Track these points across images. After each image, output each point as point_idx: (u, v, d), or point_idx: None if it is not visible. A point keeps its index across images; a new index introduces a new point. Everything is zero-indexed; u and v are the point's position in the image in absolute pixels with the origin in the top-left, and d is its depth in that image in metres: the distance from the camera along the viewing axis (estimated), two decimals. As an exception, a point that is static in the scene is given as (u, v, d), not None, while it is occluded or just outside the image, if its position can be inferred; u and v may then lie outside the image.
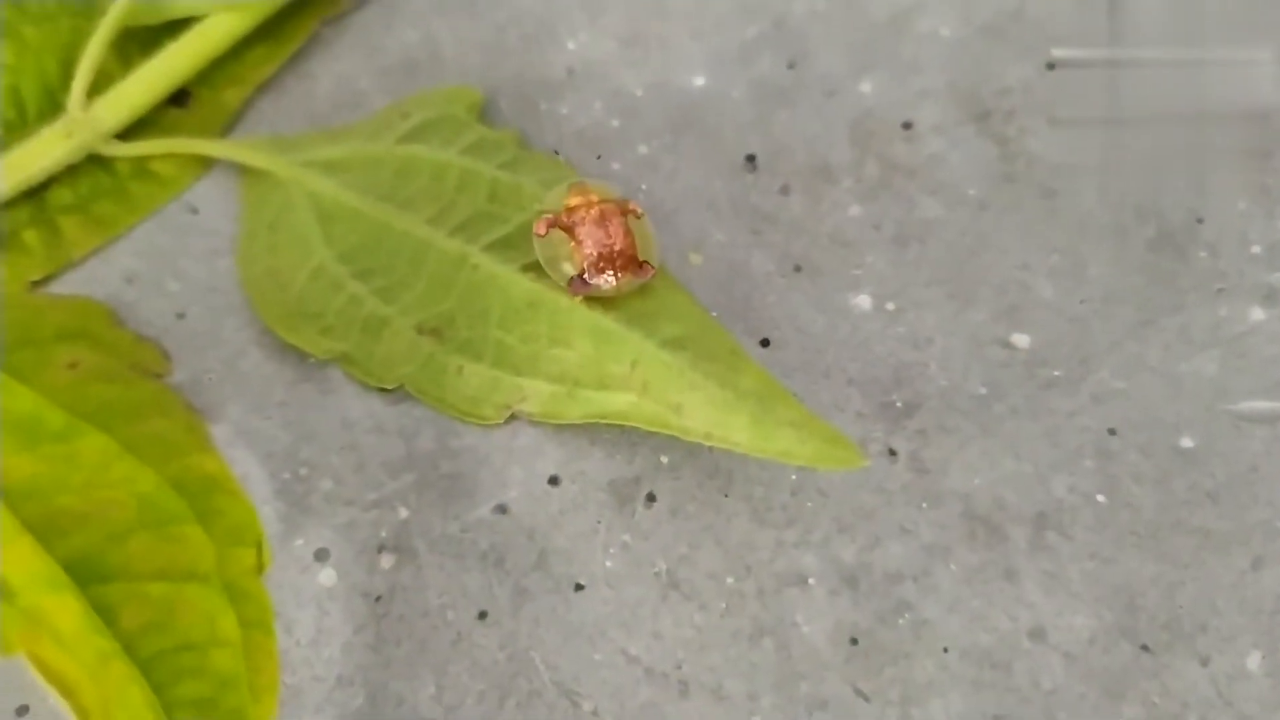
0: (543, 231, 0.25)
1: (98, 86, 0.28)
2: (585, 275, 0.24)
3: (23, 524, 0.22)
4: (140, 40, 0.29)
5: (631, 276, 0.25)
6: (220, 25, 0.29)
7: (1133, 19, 0.30)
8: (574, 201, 0.25)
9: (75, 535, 0.23)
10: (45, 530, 0.23)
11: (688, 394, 0.24)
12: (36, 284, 0.27)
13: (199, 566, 0.23)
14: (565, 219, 0.25)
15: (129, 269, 0.27)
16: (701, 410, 0.23)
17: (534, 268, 0.26)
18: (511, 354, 0.25)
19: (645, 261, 0.25)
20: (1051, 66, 0.30)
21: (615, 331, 0.24)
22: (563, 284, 0.25)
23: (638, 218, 0.25)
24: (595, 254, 0.24)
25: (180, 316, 0.27)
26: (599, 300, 0.25)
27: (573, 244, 0.25)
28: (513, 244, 0.26)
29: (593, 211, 0.25)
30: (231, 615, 0.23)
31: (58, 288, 0.27)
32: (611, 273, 0.24)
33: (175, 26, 0.29)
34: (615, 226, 0.25)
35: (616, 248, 0.24)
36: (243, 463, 0.25)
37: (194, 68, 0.29)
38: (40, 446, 0.24)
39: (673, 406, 0.24)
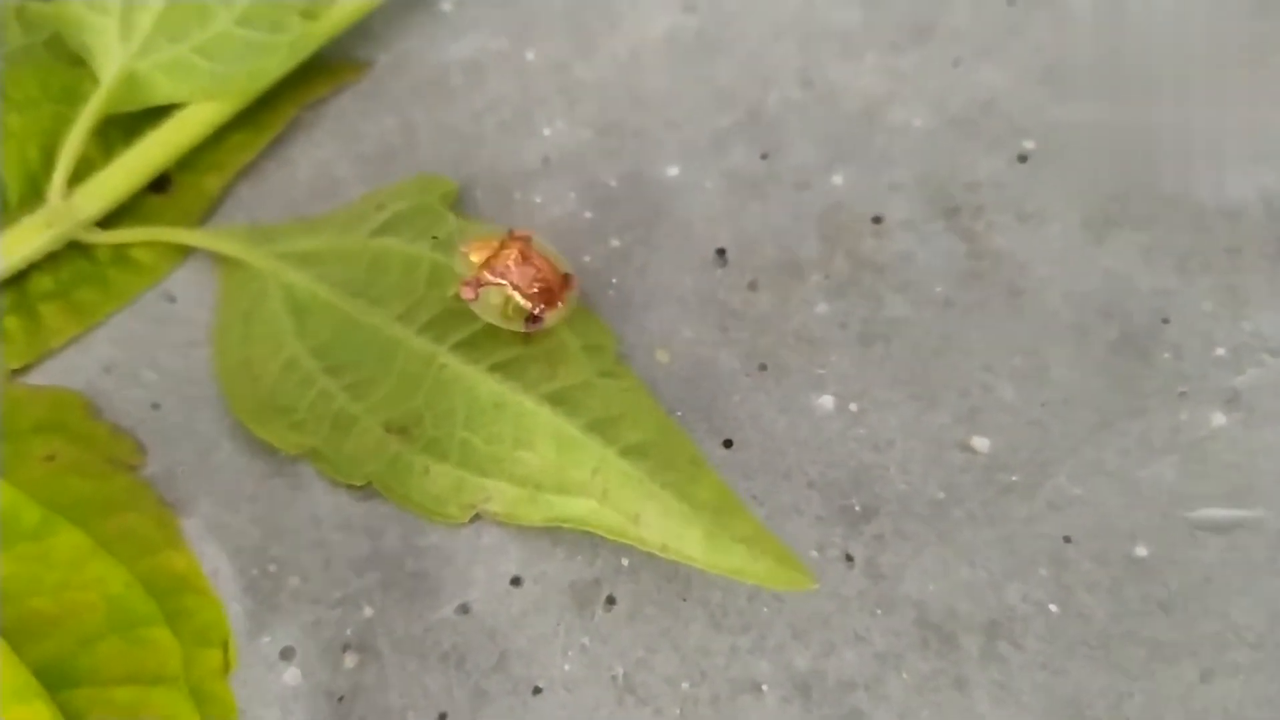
0: (473, 295, 0.26)
1: (79, 174, 0.28)
2: (538, 313, 0.26)
3: (-3, 629, 0.23)
4: (122, 126, 0.30)
5: (570, 293, 0.26)
6: (201, 113, 0.29)
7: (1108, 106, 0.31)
8: (483, 255, 0.26)
9: (47, 640, 0.23)
10: (18, 634, 0.23)
11: (646, 504, 0.24)
12: (16, 373, 0.27)
13: (166, 669, 0.23)
14: (489, 274, 0.26)
15: (107, 358, 0.28)
16: (658, 521, 0.24)
17: (501, 367, 0.26)
18: (476, 454, 0.26)
19: (566, 275, 0.26)
20: (1023, 159, 0.30)
21: (577, 438, 0.25)
22: (518, 329, 0.26)
23: (531, 241, 0.26)
24: (537, 290, 0.26)
25: (155, 407, 0.27)
26: (564, 402, 0.25)
27: (509, 290, 0.26)
28: (479, 344, 0.27)
29: (510, 253, 0.26)
30: (196, 718, 0.23)
31: (36, 376, 0.27)
32: (560, 303, 0.26)
33: (156, 113, 0.29)
34: (535, 258, 0.26)
35: (547, 276, 0.26)
36: (212, 558, 0.26)
37: (174, 155, 0.29)
38: (16, 545, 0.24)
39: (631, 516, 0.24)
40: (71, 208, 0.28)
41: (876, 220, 0.29)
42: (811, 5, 0.33)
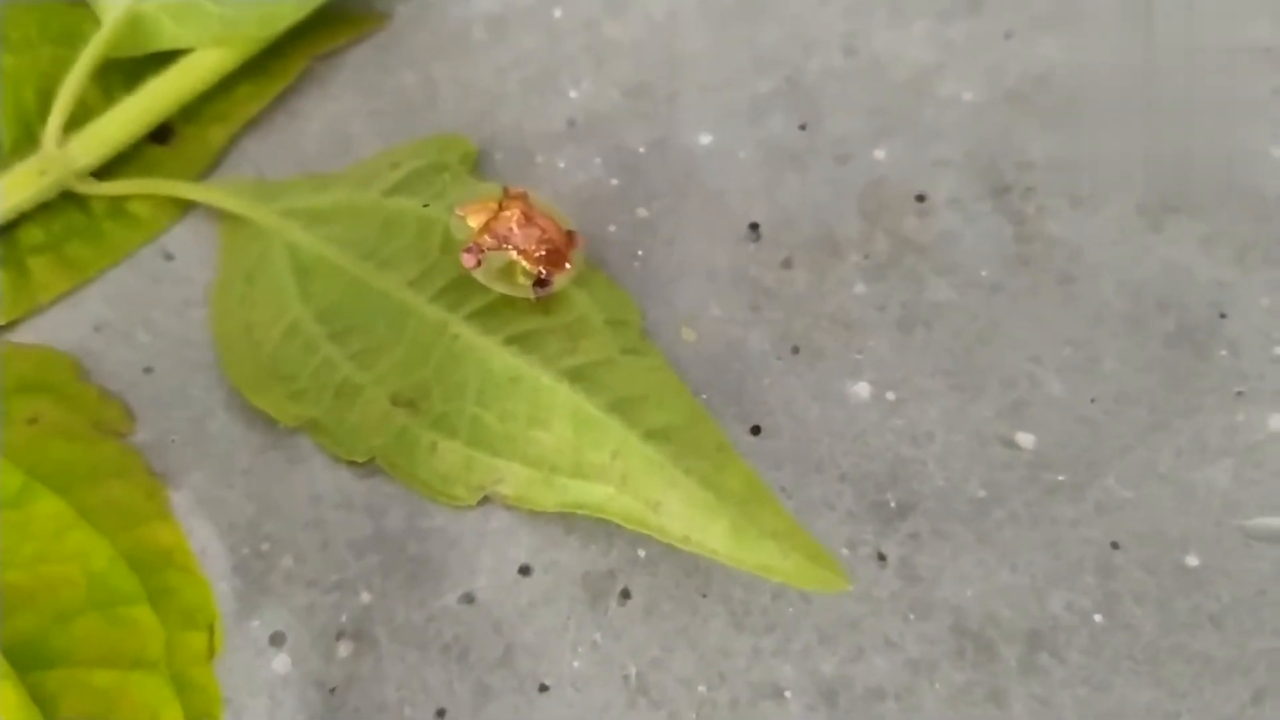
0: (475, 263, 0.24)
1: (76, 120, 0.27)
2: (545, 276, 0.24)
3: (-33, 602, 0.22)
4: (123, 71, 0.28)
5: (576, 252, 0.25)
6: (207, 60, 0.27)
7: (1168, 89, 0.29)
8: (481, 218, 0.24)
9: (21, 615, 0.22)
10: (-12, 609, 0.22)
11: (667, 491, 0.22)
12: (2, 328, 0.26)
13: (147, 653, 0.22)
14: (490, 238, 0.24)
15: (98, 316, 0.26)
16: (681, 510, 0.22)
17: (518, 340, 0.24)
18: (488, 432, 0.24)
19: (570, 232, 0.25)
20: (1077, 139, 0.28)
21: (597, 418, 0.23)
22: (526, 295, 0.24)
23: (529, 198, 0.25)
24: (544, 251, 0.24)
25: (148, 371, 0.26)
26: (584, 379, 0.24)
27: (515, 254, 0.24)
28: (496, 313, 0.25)
29: (511, 215, 0.24)
30: (177, 707, 0.22)
31: (23, 333, 0.26)
32: (566, 264, 0.24)
33: (160, 59, 0.28)
34: (538, 218, 0.24)
35: (552, 236, 0.24)
36: (201, 534, 0.24)
37: (178, 103, 0.27)
38: (-9, 513, 0.23)
39: (651, 504, 0.22)
40: (66, 155, 0.26)
41: (920, 198, 0.27)
42: (858, -32, 0.31)
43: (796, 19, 0.30)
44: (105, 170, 0.27)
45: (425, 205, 0.26)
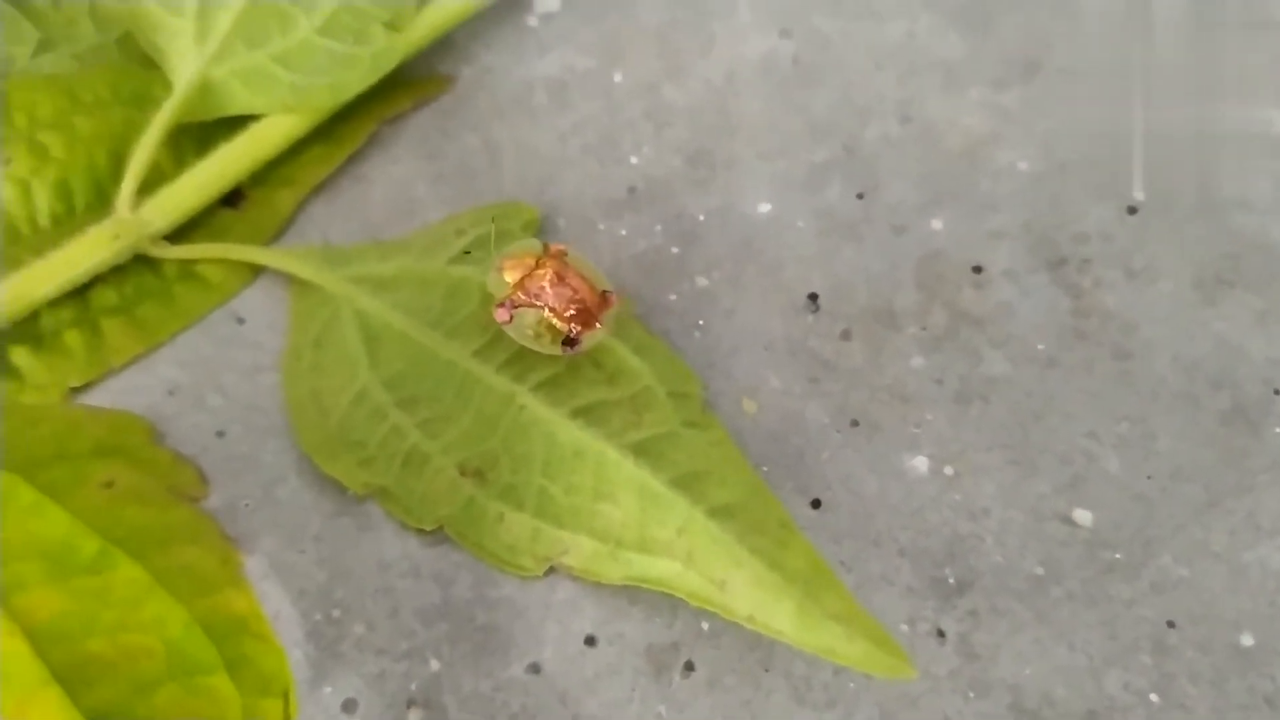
0: (507, 318, 0.25)
1: (148, 184, 0.27)
2: (575, 336, 0.24)
3: (51, 671, 0.22)
4: (193, 134, 0.28)
5: (609, 312, 0.25)
6: (278, 125, 0.28)
7: (1222, 159, 0.29)
8: (517, 274, 0.25)
9: (103, 685, 0.22)
10: (73, 679, 0.22)
11: (733, 570, 0.23)
12: (75, 390, 0.26)
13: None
14: (524, 296, 0.25)
15: (171, 379, 0.27)
16: (746, 590, 0.23)
17: (583, 412, 0.25)
18: (554, 504, 0.24)
19: (605, 292, 0.25)
20: (1133, 211, 0.29)
21: (663, 494, 0.24)
22: (555, 353, 0.25)
23: (567, 256, 0.25)
24: (574, 311, 0.24)
25: (220, 435, 0.26)
26: (648, 454, 0.24)
27: (547, 312, 0.24)
28: (562, 384, 0.25)
29: (546, 273, 0.25)
30: (255, 775, 0.22)
31: (96, 396, 0.26)
32: (597, 324, 0.25)
33: (228, 122, 0.28)
34: (571, 278, 0.25)
35: (584, 297, 0.25)
36: (274, 599, 0.24)
37: (249, 169, 0.28)
38: (72, 579, 0.23)
39: (717, 582, 0.23)
40: (140, 220, 0.27)
41: (977, 269, 0.28)
42: (913, 34, 0.31)
43: (851, 85, 0.31)
44: (176, 233, 0.27)
45: (466, 251, 0.26)
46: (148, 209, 0.27)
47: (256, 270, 0.28)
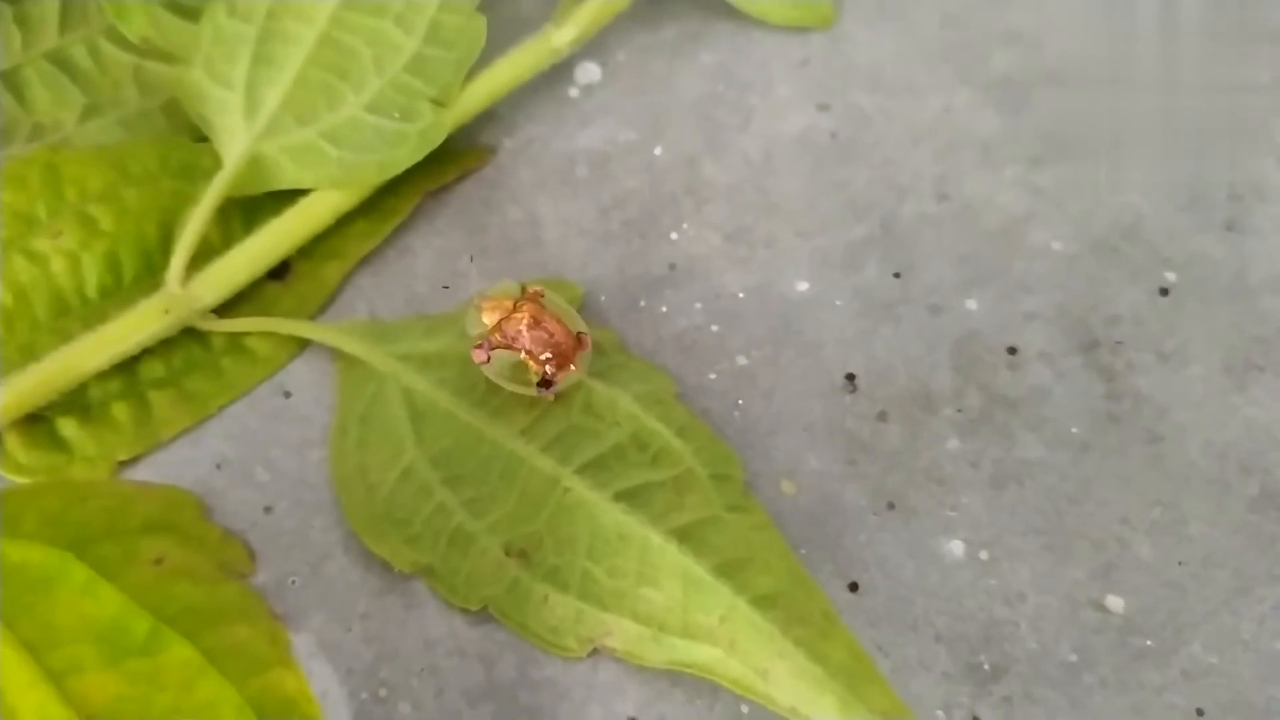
0: (485, 359, 0.26)
1: (196, 256, 0.28)
2: (550, 378, 0.25)
3: (108, 762, 0.22)
4: (239, 206, 0.29)
5: (584, 354, 0.26)
6: (326, 200, 0.28)
7: (1254, 239, 0.30)
8: (495, 317, 0.26)
9: (158, 770, 0.23)
10: (129, 765, 0.22)
11: (776, 661, 0.23)
12: (123, 464, 0.27)
13: (276, 805, 0.23)
14: (500, 338, 0.26)
15: (218, 453, 0.27)
16: (788, 681, 0.23)
17: (627, 496, 0.25)
18: (598, 587, 0.25)
19: (580, 334, 0.26)
20: (1165, 292, 0.29)
21: (705, 580, 0.24)
22: (529, 393, 0.26)
23: (544, 298, 0.26)
24: (550, 354, 0.25)
25: (268, 510, 0.26)
26: (691, 539, 0.25)
27: (522, 354, 0.25)
28: (606, 465, 0.26)
29: (522, 317, 0.26)
30: None
31: (144, 470, 0.27)
32: (571, 365, 0.26)
33: (274, 194, 0.29)
34: (548, 321, 0.26)
35: (559, 340, 0.26)
36: (322, 678, 0.25)
37: (297, 243, 0.28)
38: (125, 661, 0.24)
39: (760, 671, 0.23)
40: (190, 295, 0.27)
41: (1011, 351, 0.28)
42: (950, 110, 0.32)
43: (889, 162, 0.31)
44: (224, 305, 0.28)
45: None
46: (197, 284, 0.27)
47: (303, 343, 0.28)
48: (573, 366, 0.26)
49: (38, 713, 0.22)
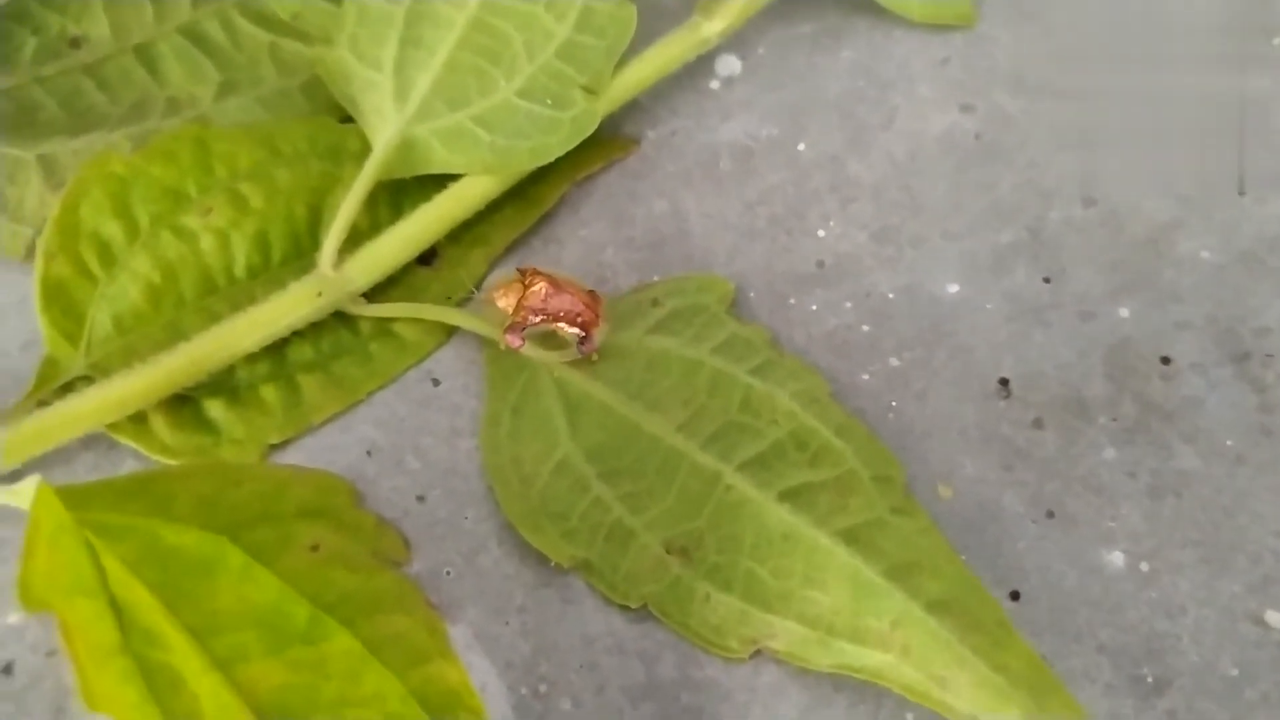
0: (520, 342, 0.26)
1: (347, 240, 0.27)
2: (587, 339, 0.26)
3: (283, 755, 0.22)
4: (388, 189, 0.28)
5: (603, 306, 0.26)
6: (475, 186, 0.28)
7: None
8: (512, 298, 0.26)
9: (330, 762, 0.22)
10: (301, 755, 0.22)
11: (954, 669, 0.23)
12: (274, 448, 0.26)
13: (446, 799, 0.22)
14: (530, 315, 0.26)
15: (369, 440, 0.27)
16: (969, 690, 0.23)
17: (791, 495, 0.25)
18: (762, 587, 0.24)
19: (590, 291, 0.26)
20: (1311, 306, 0.29)
21: (876, 585, 0.24)
22: (573, 355, 0.26)
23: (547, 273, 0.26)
24: (578, 315, 0.26)
25: (420, 499, 0.26)
26: (858, 541, 0.24)
27: (555, 324, 0.26)
28: (768, 464, 0.25)
29: (540, 289, 0.26)
30: None
31: (293, 454, 0.26)
32: (599, 319, 0.26)
33: (423, 178, 0.28)
34: (563, 283, 0.26)
35: (583, 299, 0.26)
36: (481, 671, 0.25)
37: (447, 228, 0.28)
38: (288, 650, 0.23)
39: (936, 678, 0.23)
40: (343, 278, 0.27)
41: (1165, 360, 0.28)
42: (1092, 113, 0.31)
43: (1033, 165, 0.31)
44: (372, 290, 0.27)
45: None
46: (350, 266, 0.27)
47: (450, 330, 0.28)
48: (601, 320, 0.26)
49: (212, 699, 0.22)
